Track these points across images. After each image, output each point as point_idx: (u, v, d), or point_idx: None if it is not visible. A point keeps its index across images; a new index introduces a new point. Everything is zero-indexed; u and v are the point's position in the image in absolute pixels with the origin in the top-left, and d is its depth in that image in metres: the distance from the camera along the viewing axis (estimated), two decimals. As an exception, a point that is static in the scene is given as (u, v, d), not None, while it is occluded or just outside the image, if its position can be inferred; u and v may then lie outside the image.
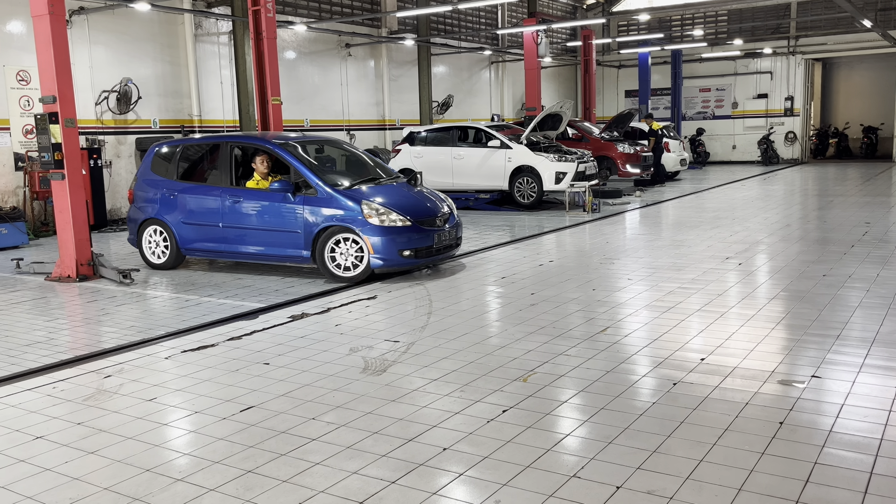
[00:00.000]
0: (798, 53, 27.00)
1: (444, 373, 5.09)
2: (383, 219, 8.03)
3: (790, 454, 3.72)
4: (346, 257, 8.13)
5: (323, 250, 8.19)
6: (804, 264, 8.50)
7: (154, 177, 9.46)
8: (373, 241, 7.96)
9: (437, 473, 3.64)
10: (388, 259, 8.01)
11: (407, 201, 8.53)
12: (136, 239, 9.60)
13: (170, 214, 9.18)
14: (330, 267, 8.21)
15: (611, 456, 3.76)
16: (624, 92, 30.57)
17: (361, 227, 7.99)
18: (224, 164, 8.97)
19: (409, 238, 8.12)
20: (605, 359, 5.31)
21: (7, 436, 4.26)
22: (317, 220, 8.20)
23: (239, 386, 4.97)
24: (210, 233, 8.92)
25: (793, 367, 5.04)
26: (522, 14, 25.82)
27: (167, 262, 9.33)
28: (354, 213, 8.04)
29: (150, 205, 9.38)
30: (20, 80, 13.01)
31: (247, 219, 8.67)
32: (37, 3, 8.47)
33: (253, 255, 8.77)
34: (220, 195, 8.84)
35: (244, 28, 15.84)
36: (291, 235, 8.35)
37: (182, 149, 9.50)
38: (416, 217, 8.27)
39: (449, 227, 8.65)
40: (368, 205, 8.08)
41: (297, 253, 8.36)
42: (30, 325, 6.82)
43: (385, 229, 7.99)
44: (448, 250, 8.73)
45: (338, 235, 8.12)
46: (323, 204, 8.19)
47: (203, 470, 3.74)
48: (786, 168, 24.89)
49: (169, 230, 9.21)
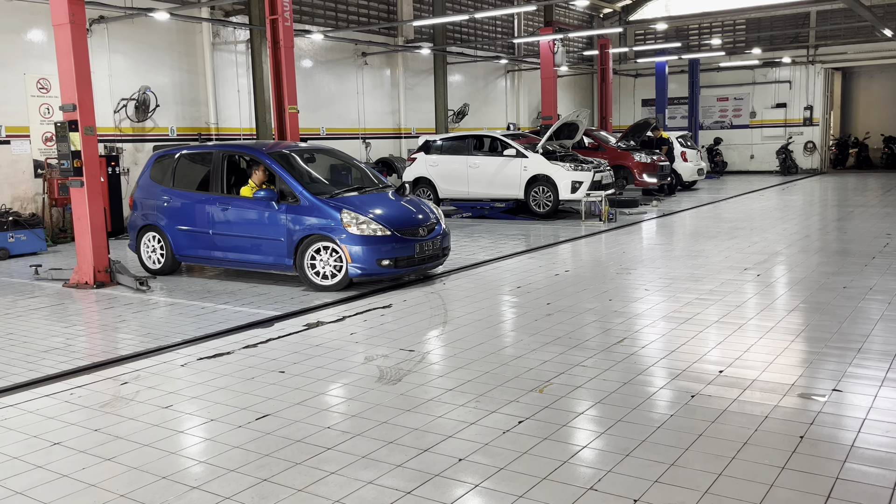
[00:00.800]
0: (817, 62, 26.85)
1: (460, 383, 5.08)
2: (363, 228, 8.06)
3: (811, 469, 3.68)
4: (325, 265, 8.18)
5: (303, 258, 8.25)
6: (824, 276, 8.43)
7: (152, 184, 9.63)
8: (351, 250, 8.01)
9: (453, 484, 3.63)
10: (365, 268, 8.05)
11: (390, 211, 8.55)
12: (135, 245, 9.78)
13: (165, 221, 9.35)
14: (309, 275, 8.27)
15: (628, 469, 3.73)
16: (641, 101, 30.52)
17: (340, 236, 8.04)
18: (216, 173, 9.10)
19: (389, 247, 8.15)
20: (622, 370, 5.28)
21: (25, 441, 4.29)
22: (299, 228, 8.28)
23: (254, 394, 4.99)
24: (201, 240, 9.06)
25: (813, 380, 4.99)
26: (539, 23, 25.86)
27: (163, 267, 9.48)
28: (334, 222, 8.11)
29: (147, 211, 9.57)
30: (40, 88, 13.19)
31: (234, 226, 8.80)
32: (58, 12, 8.58)
33: (241, 263, 8.91)
34: (210, 203, 9.00)
35: (261, 37, 15.99)
36: (276, 243, 8.46)
37: (179, 157, 9.63)
38: (396, 227, 8.28)
39: (433, 238, 8.62)
40: (348, 213, 8.13)
41: (282, 261, 8.46)
42: (48, 332, 6.88)
43: (364, 238, 8.03)
44: (431, 260, 8.71)
45: (318, 244, 8.18)
46: (305, 212, 8.26)
47: (219, 478, 3.75)
48: (805, 178, 24.71)
49: (164, 237, 9.37)
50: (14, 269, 10.52)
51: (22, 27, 12.87)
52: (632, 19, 29.45)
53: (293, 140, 11.57)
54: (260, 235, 8.60)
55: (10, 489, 3.70)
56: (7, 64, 12.67)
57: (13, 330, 6.96)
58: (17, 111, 12.86)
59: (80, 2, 8.61)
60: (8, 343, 6.50)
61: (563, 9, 27.30)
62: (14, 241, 11.53)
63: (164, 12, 13.87)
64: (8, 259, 11.35)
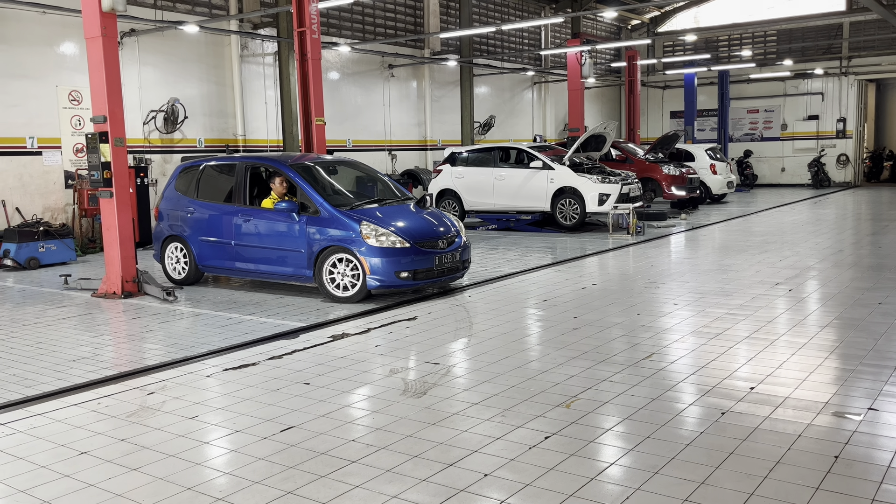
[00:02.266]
0: (851, 74, 26.53)
1: (485, 397, 5.06)
2: (382, 240, 8.10)
3: (846, 490, 3.61)
4: (343, 277, 8.23)
5: (322, 269, 8.33)
6: (858, 291, 8.29)
7: (177, 195, 9.78)
8: (370, 262, 8.05)
9: (478, 500, 3.60)
10: (384, 280, 8.07)
11: (410, 223, 8.58)
12: (160, 255, 9.92)
13: (189, 232, 9.50)
14: (328, 286, 8.34)
15: (656, 487, 3.68)
16: (669, 113, 30.36)
17: (359, 248, 8.09)
18: (239, 184, 9.23)
19: (408, 259, 8.16)
20: (650, 386, 5.23)
21: (53, 450, 4.35)
22: (318, 239, 8.37)
23: (279, 405, 5.01)
24: (224, 250, 9.18)
25: (847, 398, 4.90)
26: (566, 35, 25.87)
27: (186, 278, 9.63)
28: (353, 234, 8.16)
29: (172, 222, 9.74)
30: (72, 100, 13.44)
31: (256, 238, 8.90)
32: (90, 26, 8.75)
33: (262, 274, 9.00)
34: (233, 214, 9.12)
35: (289, 49, 16.17)
36: (296, 255, 8.55)
37: (203, 168, 9.77)
38: (416, 239, 8.30)
39: (452, 250, 8.62)
40: (367, 225, 8.18)
41: (302, 272, 8.55)
42: (76, 341, 6.98)
43: (383, 250, 8.07)
44: (451, 273, 8.69)
45: (337, 255, 8.25)
46: (325, 224, 8.35)
47: (243, 490, 3.77)
48: (837, 191, 24.37)
49: (188, 247, 9.52)
50: (44, 278, 10.70)
51: (55, 40, 13.15)
52: (660, 31, 29.35)
53: (319, 152, 11.65)
54: (280, 247, 8.70)
55: (37, 498, 3.75)
56: (40, 76, 12.95)
57: (43, 339, 7.07)
58: (49, 123, 13.13)
59: (112, 15, 8.77)
60: (37, 352, 6.60)
61: (590, 20, 27.29)
62: (44, 250, 11.74)
63: (193, 25, 14.09)
64: (39, 268, 11.56)
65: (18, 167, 12.78)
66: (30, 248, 11.58)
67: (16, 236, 11.57)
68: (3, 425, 4.77)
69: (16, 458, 4.25)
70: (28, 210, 12.78)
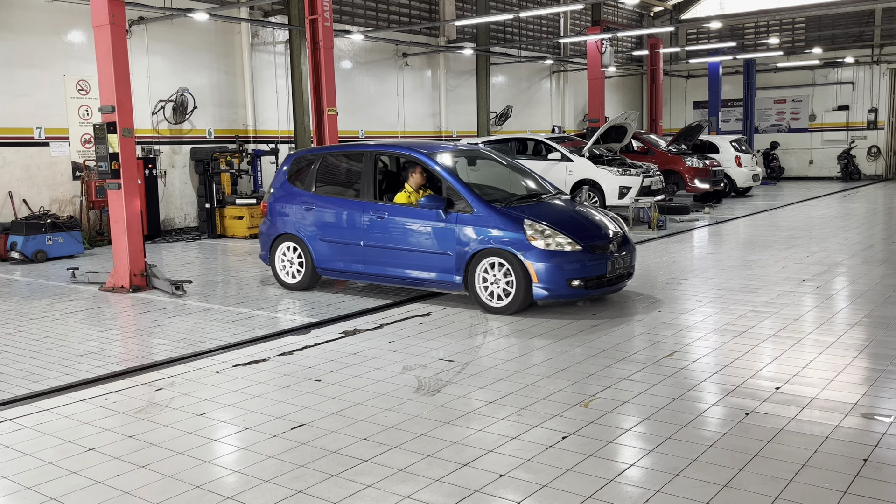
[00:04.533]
0: (883, 63, 26.22)
1: (501, 395, 5.06)
2: (549, 242, 7.17)
3: (875, 494, 3.58)
4: (498, 284, 7.37)
5: (474, 275, 7.46)
6: (889, 288, 8.20)
7: (290, 188, 8.91)
8: (537, 268, 7.12)
9: (493, 501, 3.61)
10: (553, 289, 7.17)
11: (574, 222, 7.65)
12: (269, 256, 9.03)
13: (305, 230, 8.62)
14: (481, 295, 7.46)
15: (678, 489, 3.67)
16: (692, 103, 30.16)
17: (525, 251, 7.17)
18: (368, 177, 8.33)
19: (579, 265, 7.22)
20: (672, 385, 5.20)
21: (60, 447, 4.39)
22: (472, 241, 7.45)
23: (290, 402, 5.03)
24: (349, 252, 8.29)
25: (877, 399, 4.86)
26: (586, 22, 25.72)
27: (301, 282, 8.74)
28: (516, 235, 7.24)
29: (284, 219, 8.83)
30: (80, 90, 13.54)
31: (391, 238, 8.01)
32: (98, 13, 8.80)
33: (396, 279, 8.10)
34: (363, 210, 8.21)
35: (301, 37, 16.20)
36: (442, 258, 7.64)
37: (322, 158, 8.95)
38: (586, 240, 7.36)
39: (623, 254, 7.67)
40: (532, 225, 7.26)
41: (448, 278, 7.64)
42: (84, 336, 7.04)
43: (551, 254, 7.14)
44: (620, 281, 7.75)
45: (490, 259, 7.35)
46: (479, 223, 7.43)
47: (253, 489, 3.79)
48: (868, 185, 24.12)
49: (304, 247, 8.64)
50: (52, 271, 10.80)
51: (62, 28, 13.24)
52: (684, 18, 29.12)
53: (331, 143, 11.67)
54: (423, 248, 7.77)
55: (44, 495, 3.79)
56: (47, 66, 13.05)
57: (50, 333, 7.14)
58: (56, 113, 13.23)
59: (120, 3, 8.83)
60: (45, 346, 6.67)
61: (611, 7, 27.13)
62: (52, 243, 11.84)
63: (203, 13, 14.15)
64: (46, 261, 11.67)
65: (25, 158, 12.89)
66: (37, 241, 11.69)
67: (23, 229, 11.69)
68: (9, 420, 4.82)
69: (23, 454, 4.30)
70: (35, 202, 12.89)
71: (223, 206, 14.44)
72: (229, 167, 14.84)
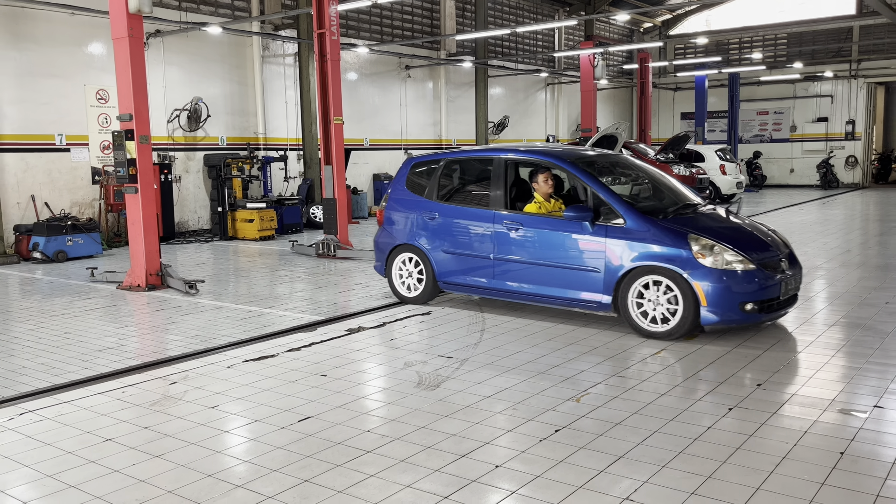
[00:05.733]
0: (860, 77, 26.26)
1: (497, 390, 5.06)
2: (718, 259, 6.07)
3: (851, 486, 3.58)
4: (656, 306, 6.27)
5: (627, 296, 6.38)
6: (865, 290, 8.21)
7: (410, 196, 7.97)
8: (706, 289, 6.01)
9: (489, 490, 3.61)
10: (725, 314, 6.05)
11: (741, 236, 6.50)
12: (384, 267, 8.14)
13: (427, 241, 7.70)
14: (634, 317, 6.38)
15: (664, 480, 3.67)
16: (680, 114, 30.18)
17: (691, 270, 6.06)
18: (498, 184, 7.30)
19: (754, 287, 6.11)
20: (659, 381, 5.21)
21: (79, 437, 4.39)
22: (624, 257, 6.37)
23: (297, 396, 5.03)
24: (476, 265, 7.36)
25: (853, 395, 4.86)
26: (579, 37, 25.78)
27: (421, 295, 7.87)
28: (679, 251, 6.13)
29: (402, 229, 7.94)
30: (99, 99, 13.55)
31: (527, 251, 6.99)
32: (117, 27, 8.81)
33: (531, 296, 7.08)
34: (493, 221, 7.22)
35: (309, 50, 16.22)
36: (586, 275, 6.60)
37: (445, 164, 7.94)
38: (758, 258, 6.24)
39: (793, 273, 6.55)
40: (698, 240, 6.16)
41: (594, 298, 6.60)
42: (102, 332, 7.04)
43: (722, 273, 6.03)
44: (790, 304, 6.65)
45: (646, 278, 6.30)
46: (635, 237, 6.34)
47: (262, 477, 3.79)
48: (846, 192, 24.14)
49: (425, 259, 7.74)
50: (71, 271, 10.80)
51: (83, 41, 13.25)
52: (672, 34, 29.16)
53: (338, 151, 11.67)
54: (564, 264, 6.74)
55: (64, 482, 3.79)
56: (69, 76, 13.05)
57: (70, 329, 7.14)
58: (77, 121, 13.24)
59: (138, 16, 8.83)
60: (65, 342, 6.67)
61: (603, 23, 27.16)
62: (72, 244, 11.84)
63: (216, 26, 14.16)
64: (66, 261, 11.67)
65: (48, 163, 12.90)
66: (58, 242, 11.69)
67: (45, 230, 11.70)
68: (31, 412, 4.83)
69: (44, 443, 4.30)
70: (56, 205, 12.90)
71: (234, 209, 14.44)
72: (240, 173, 14.85)
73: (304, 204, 16.07)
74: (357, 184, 18.40)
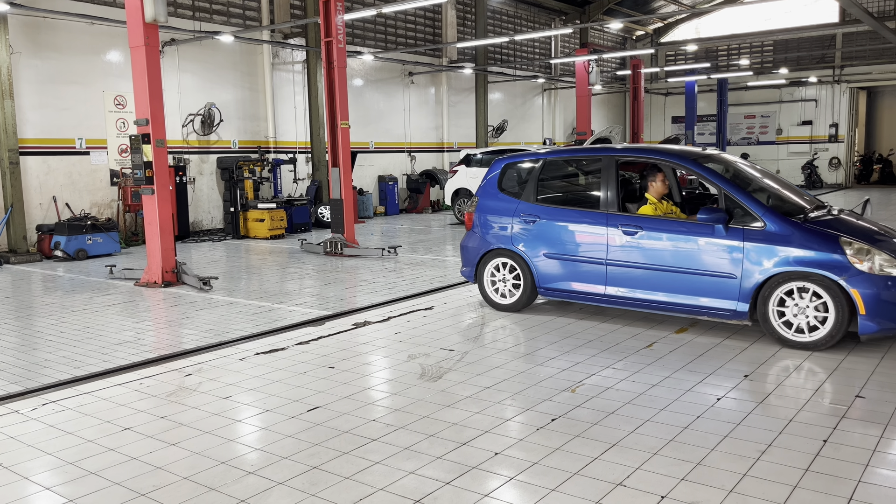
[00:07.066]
0: (843, 82, 26.22)
1: (496, 381, 5.07)
2: (873, 264, 5.45)
3: (834, 472, 3.58)
4: (803, 315, 5.66)
5: (767, 304, 5.76)
6: None
7: (504, 198, 7.26)
8: (864, 296, 5.40)
9: (489, 476, 3.61)
10: (887, 322, 5.42)
11: (882, 239, 5.83)
12: (474, 272, 7.44)
13: (526, 245, 7.01)
14: (776, 326, 5.76)
15: (656, 466, 3.68)
16: (671, 118, 30.14)
17: (847, 276, 5.44)
18: (609, 185, 6.61)
19: None
20: (650, 373, 5.21)
21: (99, 426, 4.40)
22: (764, 262, 5.73)
23: (306, 387, 5.04)
24: (586, 271, 6.66)
25: (836, 386, 4.86)
26: (575, 45, 25.76)
27: (517, 302, 7.16)
28: (831, 256, 5.50)
29: (496, 232, 7.23)
30: (117, 104, 13.55)
31: (649, 256, 6.29)
32: (134, 36, 8.81)
33: (652, 304, 6.37)
34: (607, 224, 6.52)
35: (317, 57, 16.22)
36: (721, 281, 5.93)
37: (543, 164, 7.25)
38: None
39: None
40: (852, 244, 5.52)
41: (727, 305, 5.94)
42: (120, 326, 7.05)
43: (883, 279, 5.41)
44: None
45: (790, 284, 5.66)
46: (777, 241, 5.69)
47: (272, 465, 3.80)
48: (829, 192, 24.10)
49: (523, 264, 7.05)
50: (91, 268, 10.81)
51: (102, 49, 13.25)
52: (663, 41, 29.13)
53: (344, 154, 11.67)
54: (694, 270, 6.05)
55: (85, 469, 3.80)
56: (88, 82, 13.06)
57: (90, 324, 7.15)
58: (96, 125, 13.24)
59: (154, 26, 8.83)
60: (85, 336, 6.68)
61: (597, 31, 27.13)
62: (92, 243, 11.86)
63: (228, 35, 14.15)
64: (86, 259, 11.68)
65: (68, 166, 12.91)
66: (78, 241, 11.71)
67: (66, 229, 11.72)
68: (53, 403, 4.84)
69: (65, 432, 4.31)
70: (77, 205, 12.91)
71: (246, 209, 14.45)
72: (252, 175, 14.86)
73: (313, 204, 16.08)
74: (363, 185, 18.42)
